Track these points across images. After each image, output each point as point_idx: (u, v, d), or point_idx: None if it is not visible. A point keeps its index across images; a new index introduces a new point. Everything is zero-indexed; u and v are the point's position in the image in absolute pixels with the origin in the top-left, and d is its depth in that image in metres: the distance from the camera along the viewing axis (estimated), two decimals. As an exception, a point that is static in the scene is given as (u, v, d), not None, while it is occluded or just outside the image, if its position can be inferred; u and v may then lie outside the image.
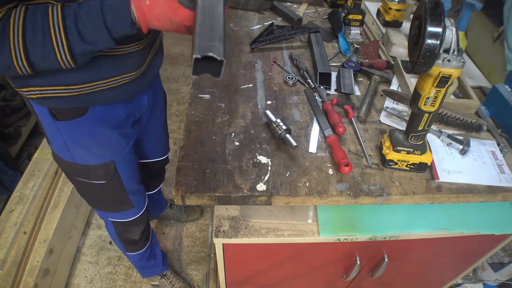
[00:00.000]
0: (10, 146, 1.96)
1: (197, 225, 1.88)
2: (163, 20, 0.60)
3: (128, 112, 0.90)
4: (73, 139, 0.84)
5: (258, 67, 1.09)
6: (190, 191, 0.72)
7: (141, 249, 1.30)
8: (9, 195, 1.58)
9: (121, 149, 0.93)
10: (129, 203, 1.05)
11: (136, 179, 1.05)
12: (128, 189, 1.01)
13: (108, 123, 0.85)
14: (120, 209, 1.07)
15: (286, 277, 1.11)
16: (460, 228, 0.91)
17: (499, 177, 0.83)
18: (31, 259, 1.41)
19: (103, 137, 0.86)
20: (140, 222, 1.16)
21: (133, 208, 1.08)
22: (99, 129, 0.85)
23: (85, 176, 0.93)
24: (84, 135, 0.84)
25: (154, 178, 1.43)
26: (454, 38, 0.62)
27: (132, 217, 1.11)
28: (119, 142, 0.91)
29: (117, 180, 0.96)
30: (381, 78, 1.07)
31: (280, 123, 0.82)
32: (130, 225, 1.14)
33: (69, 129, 0.82)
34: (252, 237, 0.85)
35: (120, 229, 1.17)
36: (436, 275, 1.24)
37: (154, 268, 1.48)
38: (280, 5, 1.36)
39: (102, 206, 1.08)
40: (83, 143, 0.85)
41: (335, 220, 0.88)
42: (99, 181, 0.94)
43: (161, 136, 1.22)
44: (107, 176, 0.93)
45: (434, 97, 0.68)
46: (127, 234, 1.19)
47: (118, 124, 0.88)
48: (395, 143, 0.79)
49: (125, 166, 0.97)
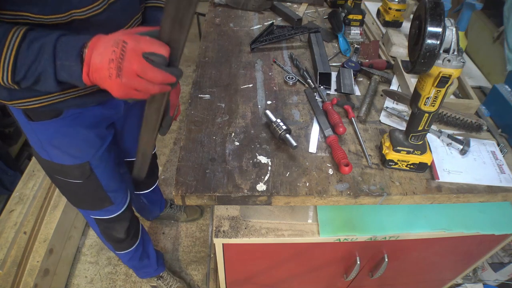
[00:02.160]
0: (10, 146, 1.96)
1: (197, 225, 1.88)
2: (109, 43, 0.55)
3: (104, 113, 0.89)
4: (48, 139, 0.84)
5: (258, 67, 1.09)
6: (190, 191, 0.72)
7: (130, 247, 1.28)
8: (9, 195, 1.58)
9: (97, 149, 0.92)
10: (109, 201, 1.05)
11: (115, 177, 1.05)
12: (106, 188, 1.01)
13: (83, 124, 0.85)
14: (100, 207, 1.07)
15: (286, 277, 1.11)
16: (460, 228, 0.91)
17: (499, 177, 0.83)
18: (31, 259, 1.41)
19: (78, 137, 0.86)
20: (123, 219, 1.16)
21: (112, 205, 1.07)
22: (74, 129, 0.84)
23: (63, 175, 0.93)
24: (59, 135, 0.84)
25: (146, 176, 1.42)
26: (454, 38, 0.62)
27: (113, 214, 1.11)
28: (94, 142, 0.91)
29: (94, 180, 0.96)
30: (381, 78, 1.07)
31: (280, 123, 0.82)
32: (113, 222, 1.14)
33: (44, 129, 0.82)
34: (252, 237, 0.85)
35: (103, 227, 1.16)
36: (436, 275, 1.24)
37: (148, 268, 1.47)
38: (280, 5, 1.36)
39: (82, 204, 1.08)
40: (58, 143, 0.85)
41: (335, 220, 0.88)
42: (76, 180, 0.94)
43: None
44: (84, 176, 0.93)
45: (434, 97, 0.68)
46: (111, 231, 1.18)
47: (93, 124, 0.88)
48: (395, 143, 0.79)
49: (102, 165, 0.96)
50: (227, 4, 1.39)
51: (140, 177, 0.85)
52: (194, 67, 1.09)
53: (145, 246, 1.39)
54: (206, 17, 1.32)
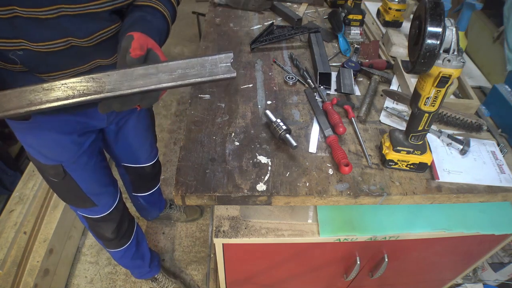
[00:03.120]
0: (10, 146, 1.96)
1: (197, 225, 1.88)
2: None
3: (79, 121, 0.88)
4: (22, 137, 0.85)
5: (258, 67, 1.09)
6: (190, 191, 0.72)
7: (120, 247, 1.27)
8: (9, 195, 1.58)
9: (72, 154, 0.91)
10: (91, 202, 1.04)
11: (98, 181, 1.03)
12: (86, 190, 0.99)
13: (53, 129, 0.84)
14: (83, 206, 1.06)
15: (286, 277, 1.11)
16: (460, 228, 0.91)
17: (499, 177, 0.83)
18: (31, 259, 1.41)
19: (49, 141, 0.86)
20: (109, 220, 1.14)
21: (96, 206, 1.06)
22: (44, 133, 0.84)
23: (41, 172, 0.94)
24: (31, 136, 0.84)
25: (145, 181, 1.41)
26: (454, 38, 0.62)
27: (98, 214, 1.10)
28: (68, 147, 0.90)
29: (70, 181, 0.95)
30: (381, 78, 1.07)
31: (280, 123, 0.82)
32: (99, 221, 1.13)
33: (17, 127, 0.83)
34: (252, 237, 0.85)
35: (91, 224, 1.16)
36: (436, 275, 1.24)
37: (141, 268, 1.45)
38: (280, 5, 1.36)
39: (67, 200, 1.08)
40: (31, 142, 0.86)
41: (335, 220, 0.88)
42: (53, 179, 0.94)
43: (140, 143, 1.19)
44: (58, 176, 0.93)
45: (434, 97, 0.68)
46: (99, 230, 1.17)
47: (67, 131, 0.87)
48: (395, 143, 0.79)
49: (79, 169, 0.95)
50: (227, 4, 1.39)
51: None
52: (194, 67, 1.09)
53: (139, 247, 1.37)
54: (206, 17, 1.32)
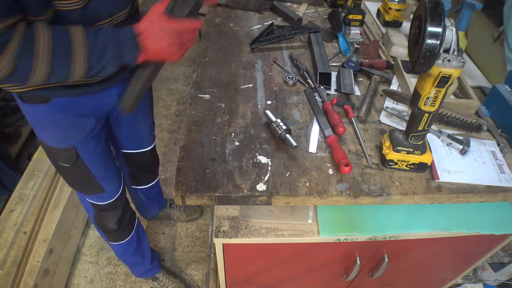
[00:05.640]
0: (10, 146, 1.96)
1: (197, 225, 1.88)
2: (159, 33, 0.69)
3: (92, 104, 0.91)
4: (37, 122, 0.88)
5: (258, 67, 1.09)
6: (190, 191, 0.72)
7: (122, 239, 1.29)
8: (9, 195, 1.58)
9: (84, 137, 0.94)
10: (100, 187, 1.07)
11: (105, 167, 1.06)
12: (95, 174, 1.03)
13: (70, 112, 0.87)
14: (92, 192, 1.09)
15: (286, 277, 1.11)
16: (460, 228, 0.91)
17: (499, 177, 0.83)
18: (31, 259, 1.41)
19: (64, 124, 0.89)
20: (115, 208, 1.17)
21: (104, 192, 1.09)
22: (61, 116, 0.87)
23: (53, 158, 0.97)
24: (47, 119, 0.87)
25: (144, 171, 1.42)
26: (454, 38, 0.62)
27: (106, 201, 1.13)
28: (80, 130, 0.93)
29: (81, 165, 0.98)
30: (381, 78, 1.07)
31: (280, 123, 0.82)
32: (105, 209, 1.15)
33: (34, 112, 0.86)
34: (252, 237, 0.85)
35: (96, 213, 1.18)
36: (436, 275, 1.24)
37: (142, 266, 1.47)
38: (280, 5, 1.37)
39: (76, 187, 1.10)
40: (46, 127, 0.89)
41: (335, 220, 0.88)
42: (64, 164, 0.97)
43: (142, 127, 1.22)
44: (70, 160, 0.95)
45: (434, 97, 0.68)
46: (103, 220, 1.20)
47: (81, 113, 0.90)
48: (395, 143, 0.79)
49: (89, 152, 0.98)
50: (227, 4, 1.39)
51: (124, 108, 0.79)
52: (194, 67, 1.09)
53: (140, 243, 1.39)
54: (206, 17, 1.32)
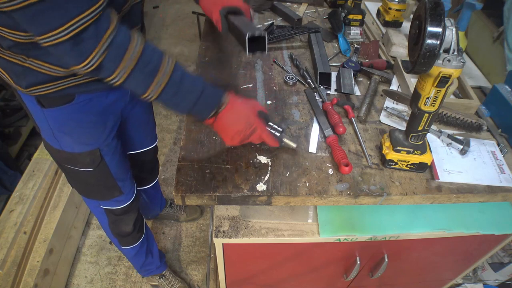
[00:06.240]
0: (10, 146, 1.96)
1: (197, 225, 1.88)
2: (241, 117, 0.72)
3: (113, 99, 0.91)
4: (60, 126, 0.86)
5: (258, 67, 1.09)
6: (190, 191, 0.72)
7: (136, 242, 1.29)
8: (9, 195, 1.58)
9: (106, 135, 0.94)
10: (118, 190, 1.07)
11: (123, 167, 1.06)
12: (116, 176, 1.03)
13: (93, 110, 0.87)
14: (110, 196, 1.08)
15: (286, 277, 1.11)
16: (460, 228, 0.91)
17: (499, 177, 0.83)
18: (31, 259, 1.41)
19: (88, 123, 0.88)
20: (131, 210, 1.17)
21: (122, 194, 1.09)
22: (85, 115, 0.86)
23: (73, 164, 0.95)
24: (71, 121, 0.86)
25: (147, 171, 1.43)
26: (454, 38, 0.62)
27: (123, 204, 1.12)
28: (104, 128, 0.93)
29: (104, 167, 0.98)
30: (381, 78, 1.07)
31: (274, 126, 0.79)
32: (122, 213, 1.15)
33: (56, 116, 0.84)
34: (252, 237, 0.85)
35: (112, 219, 1.17)
36: (436, 275, 1.24)
37: (151, 265, 1.48)
38: (280, 5, 1.36)
39: (93, 194, 1.09)
40: (69, 130, 0.87)
41: (335, 220, 0.88)
42: (86, 168, 0.95)
43: (147, 124, 1.23)
44: (94, 163, 0.95)
45: (434, 97, 0.68)
46: (120, 224, 1.19)
47: (103, 111, 0.90)
48: (395, 143, 0.79)
49: (111, 153, 0.98)
50: (227, 4, 1.39)
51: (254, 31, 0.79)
52: (194, 67, 1.09)
53: (149, 242, 1.40)
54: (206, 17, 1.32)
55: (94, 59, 0.58)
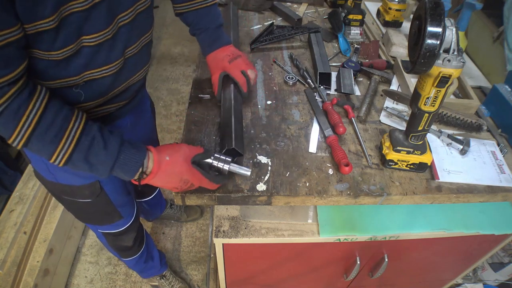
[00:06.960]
0: (10, 146, 1.96)
1: (197, 225, 1.88)
2: (173, 177, 0.66)
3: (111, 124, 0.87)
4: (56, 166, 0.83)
5: (258, 67, 1.09)
6: (190, 191, 0.72)
7: (136, 254, 1.28)
8: (9, 195, 1.58)
9: None
10: (118, 215, 1.04)
11: (123, 192, 1.02)
12: (115, 203, 0.99)
13: None
14: (109, 222, 1.05)
15: (286, 277, 1.11)
16: (460, 228, 0.91)
17: (499, 177, 0.83)
18: (31, 259, 1.41)
19: None
20: (131, 231, 1.15)
21: (122, 219, 1.06)
22: None
23: (70, 195, 0.91)
24: None
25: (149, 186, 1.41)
26: (454, 38, 0.62)
27: (122, 227, 1.10)
28: None
29: (103, 197, 0.94)
30: (381, 78, 1.07)
31: (221, 158, 0.71)
32: (121, 234, 1.13)
33: None
34: (252, 237, 0.85)
35: (111, 239, 1.15)
36: (436, 275, 1.24)
37: (152, 269, 1.47)
38: (280, 5, 1.36)
39: (91, 221, 1.06)
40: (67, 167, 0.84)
41: (335, 220, 0.88)
42: (85, 199, 0.92)
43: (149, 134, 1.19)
44: (93, 194, 0.91)
45: (434, 97, 0.68)
46: (120, 242, 1.17)
47: None
48: (395, 143, 0.79)
49: (110, 182, 0.94)
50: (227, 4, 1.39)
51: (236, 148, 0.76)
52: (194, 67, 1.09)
53: (149, 250, 1.39)
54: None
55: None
